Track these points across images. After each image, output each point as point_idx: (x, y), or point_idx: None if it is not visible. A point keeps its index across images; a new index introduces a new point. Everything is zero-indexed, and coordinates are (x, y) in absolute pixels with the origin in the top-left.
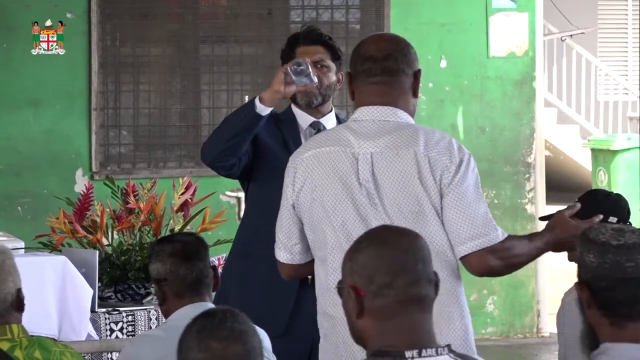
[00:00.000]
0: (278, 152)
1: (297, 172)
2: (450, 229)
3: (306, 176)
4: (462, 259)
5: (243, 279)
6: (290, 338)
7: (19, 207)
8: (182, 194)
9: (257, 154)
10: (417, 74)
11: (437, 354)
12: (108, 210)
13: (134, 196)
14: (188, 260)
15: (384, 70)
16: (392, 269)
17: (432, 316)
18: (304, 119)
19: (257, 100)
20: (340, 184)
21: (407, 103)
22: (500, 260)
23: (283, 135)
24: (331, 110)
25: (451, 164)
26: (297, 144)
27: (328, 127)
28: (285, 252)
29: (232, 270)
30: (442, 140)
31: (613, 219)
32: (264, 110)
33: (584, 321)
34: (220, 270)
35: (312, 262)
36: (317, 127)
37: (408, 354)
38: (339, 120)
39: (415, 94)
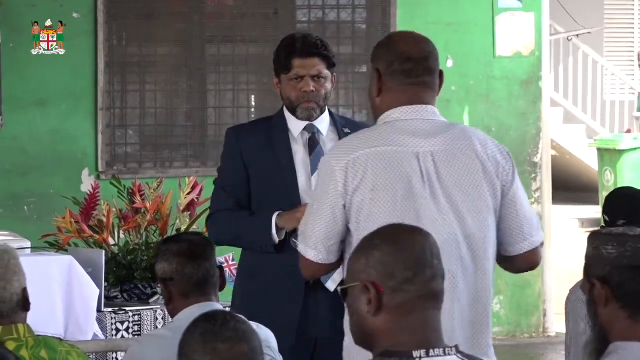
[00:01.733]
0: (277, 178)
1: (349, 172)
2: (511, 226)
3: (363, 176)
4: (518, 256)
5: (251, 298)
6: (298, 343)
7: (25, 207)
8: (189, 193)
9: (256, 189)
10: (441, 75)
11: (445, 354)
12: (114, 210)
13: (140, 196)
14: (194, 259)
15: (426, 70)
16: (413, 265)
17: (441, 314)
18: (295, 123)
19: (274, 235)
20: (404, 183)
21: (435, 102)
22: (540, 258)
23: (276, 154)
24: (324, 111)
25: (506, 162)
26: (288, 153)
27: (322, 129)
28: (322, 251)
29: (239, 291)
30: (487, 138)
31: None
32: (278, 238)
33: (592, 326)
34: (227, 270)
35: (338, 262)
36: (311, 131)
37: (416, 353)
38: (333, 118)
39: (438, 94)
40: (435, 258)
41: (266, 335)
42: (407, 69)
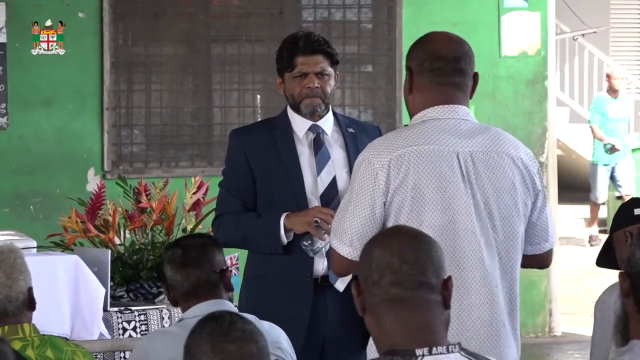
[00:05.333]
0: (283, 179)
1: (391, 170)
2: (541, 227)
3: (405, 174)
4: (537, 255)
5: (259, 299)
6: (306, 343)
7: (31, 207)
8: (194, 193)
9: (261, 191)
10: (475, 77)
11: (448, 352)
12: (120, 209)
13: (146, 195)
14: (183, 268)
15: (455, 71)
16: (380, 268)
17: (436, 317)
18: (300, 124)
19: (283, 237)
20: (445, 182)
21: (467, 104)
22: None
23: (281, 155)
24: (327, 112)
25: (535, 167)
26: (293, 153)
27: (326, 129)
28: (357, 248)
29: (247, 292)
30: (518, 142)
31: None
32: (286, 239)
33: (621, 307)
34: (231, 269)
35: None
36: (316, 132)
37: (418, 352)
38: (337, 118)
39: (471, 96)
40: (408, 264)
41: (277, 336)
42: (436, 68)
